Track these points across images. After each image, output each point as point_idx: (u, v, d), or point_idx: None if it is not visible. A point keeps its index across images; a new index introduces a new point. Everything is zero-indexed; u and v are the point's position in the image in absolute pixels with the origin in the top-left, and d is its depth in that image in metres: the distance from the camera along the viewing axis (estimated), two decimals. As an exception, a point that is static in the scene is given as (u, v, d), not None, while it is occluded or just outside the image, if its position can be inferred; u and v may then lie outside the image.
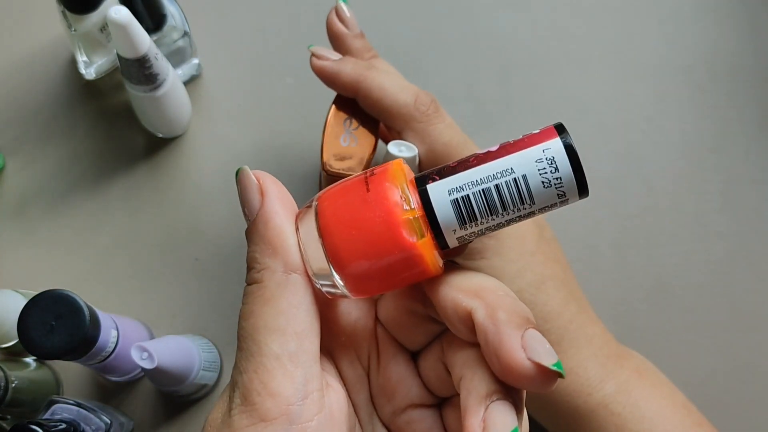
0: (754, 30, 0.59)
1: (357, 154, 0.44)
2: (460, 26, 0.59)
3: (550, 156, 0.23)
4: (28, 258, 0.54)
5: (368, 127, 0.44)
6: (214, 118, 0.57)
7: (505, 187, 0.24)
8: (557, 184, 0.23)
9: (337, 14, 0.45)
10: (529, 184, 0.23)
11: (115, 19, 0.42)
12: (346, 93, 0.43)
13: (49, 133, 0.56)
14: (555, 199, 0.24)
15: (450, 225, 0.24)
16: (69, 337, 0.40)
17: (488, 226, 0.24)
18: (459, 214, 0.24)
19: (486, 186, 0.24)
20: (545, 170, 0.23)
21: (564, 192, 0.23)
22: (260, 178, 0.27)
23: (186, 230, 0.55)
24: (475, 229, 0.24)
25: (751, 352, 0.54)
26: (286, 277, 0.25)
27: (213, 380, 0.51)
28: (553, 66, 0.58)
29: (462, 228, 0.24)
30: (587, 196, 0.24)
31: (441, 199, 0.24)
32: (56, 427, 0.42)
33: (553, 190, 0.23)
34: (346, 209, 0.25)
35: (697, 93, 0.58)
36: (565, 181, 0.23)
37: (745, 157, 0.57)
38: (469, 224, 0.24)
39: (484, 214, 0.24)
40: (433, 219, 0.24)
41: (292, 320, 0.25)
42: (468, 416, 0.23)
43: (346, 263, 0.24)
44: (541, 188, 0.23)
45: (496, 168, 0.24)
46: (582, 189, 0.23)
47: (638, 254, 0.55)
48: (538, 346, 0.22)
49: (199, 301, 0.54)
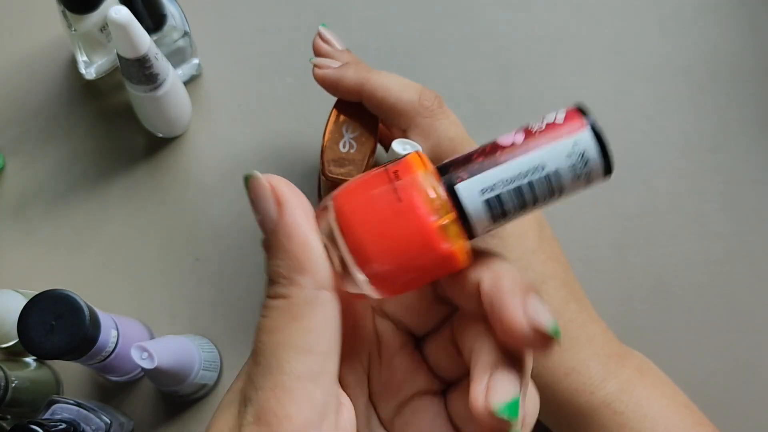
0: (755, 30, 0.59)
1: (356, 159, 0.44)
2: (460, 26, 0.59)
3: (581, 150, 0.23)
4: (28, 258, 0.54)
5: (367, 132, 0.44)
6: (214, 118, 0.57)
7: (537, 184, 0.23)
8: (586, 176, 0.23)
9: (321, 38, 0.47)
10: (561, 178, 0.23)
11: (115, 19, 0.42)
12: (351, 97, 0.44)
13: (49, 133, 0.56)
14: (582, 186, 0.24)
15: (482, 224, 0.24)
16: (69, 337, 0.40)
17: (516, 217, 0.24)
18: (491, 213, 0.24)
19: (519, 184, 0.23)
20: (576, 165, 0.23)
21: (591, 181, 0.24)
22: (275, 186, 0.25)
23: (186, 230, 0.55)
24: (503, 222, 0.24)
25: (751, 352, 0.54)
26: (315, 293, 0.24)
27: (213, 380, 0.51)
28: (553, 66, 0.58)
29: (493, 224, 0.24)
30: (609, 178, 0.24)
31: (473, 200, 0.24)
32: (56, 427, 0.42)
33: (581, 182, 0.24)
34: (370, 209, 0.24)
35: (697, 93, 0.58)
36: (595, 172, 0.23)
37: (745, 157, 0.57)
38: (499, 220, 0.24)
39: (516, 209, 0.24)
40: (464, 218, 0.24)
41: (320, 339, 0.24)
42: (473, 384, 0.23)
43: (375, 265, 0.24)
44: (571, 181, 0.24)
45: (527, 164, 0.23)
46: (608, 172, 0.24)
47: (638, 254, 0.55)
48: (538, 308, 0.23)
49: (199, 301, 0.54)
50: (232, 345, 0.53)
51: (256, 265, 0.54)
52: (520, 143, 0.24)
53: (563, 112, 0.24)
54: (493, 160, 0.24)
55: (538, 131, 0.24)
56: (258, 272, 0.54)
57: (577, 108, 0.24)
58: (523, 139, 0.24)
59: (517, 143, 0.24)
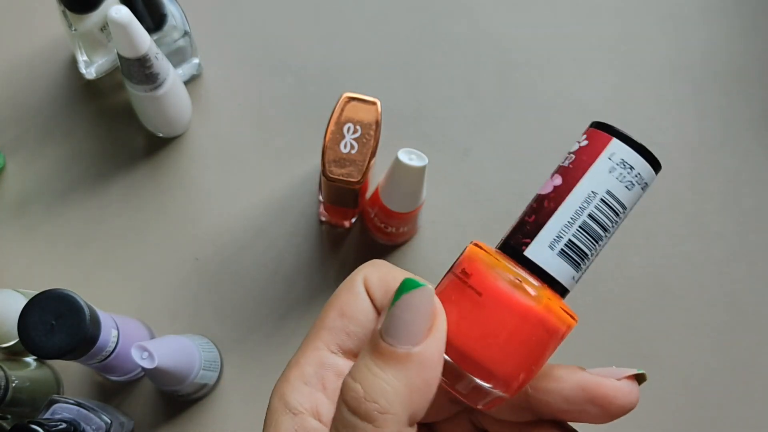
0: (755, 30, 0.59)
1: (357, 160, 0.44)
2: (460, 26, 0.59)
3: (619, 160, 0.23)
4: (28, 258, 0.54)
5: (368, 133, 0.44)
6: (214, 118, 0.57)
7: (598, 212, 0.23)
8: (638, 180, 0.23)
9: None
10: (616, 195, 0.23)
11: (116, 18, 0.42)
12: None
13: (49, 133, 0.56)
14: (640, 192, 0.23)
15: (568, 277, 0.23)
16: (69, 337, 0.40)
17: (597, 252, 0.24)
18: (572, 261, 0.23)
19: (581, 221, 0.23)
20: (623, 175, 0.23)
21: (646, 182, 0.23)
22: (438, 311, 0.22)
23: (186, 230, 0.55)
24: (587, 263, 0.24)
25: (751, 352, 0.54)
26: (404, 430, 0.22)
27: (213, 380, 0.51)
28: (553, 66, 0.58)
29: (577, 271, 0.23)
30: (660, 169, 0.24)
31: (549, 259, 0.23)
32: (56, 427, 0.42)
33: (637, 188, 0.23)
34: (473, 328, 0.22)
35: (697, 93, 0.58)
36: (644, 173, 0.23)
37: (745, 157, 0.57)
38: (582, 264, 0.23)
39: (592, 245, 0.23)
40: (551, 281, 0.23)
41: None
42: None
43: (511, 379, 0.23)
44: (627, 192, 0.23)
45: (579, 199, 0.23)
46: (656, 165, 0.23)
47: (638, 254, 0.55)
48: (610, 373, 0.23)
49: (199, 301, 0.54)
50: (232, 345, 0.53)
51: (257, 265, 0.54)
52: (561, 183, 0.23)
53: (584, 136, 0.24)
54: (546, 213, 0.23)
55: (571, 164, 0.23)
56: (258, 272, 0.54)
57: (595, 125, 0.24)
58: (561, 179, 0.23)
59: (558, 185, 0.23)
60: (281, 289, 0.54)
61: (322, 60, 0.58)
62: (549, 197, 0.23)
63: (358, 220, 0.55)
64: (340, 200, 0.49)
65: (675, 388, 0.52)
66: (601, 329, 0.54)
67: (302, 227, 0.55)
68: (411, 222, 0.51)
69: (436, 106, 0.57)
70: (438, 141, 0.56)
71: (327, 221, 0.55)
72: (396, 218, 0.49)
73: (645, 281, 0.55)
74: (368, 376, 0.22)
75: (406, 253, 0.55)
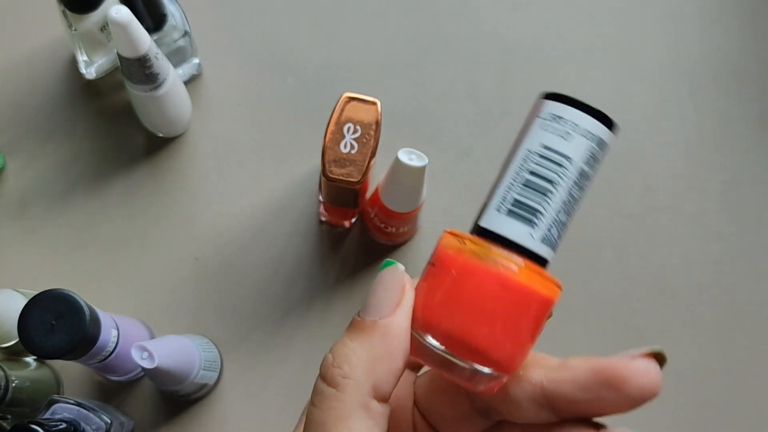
0: (755, 30, 0.59)
1: (357, 160, 0.44)
2: (460, 26, 0.59)
3: (549, 115, 0.23)
4: (28, 258, 0.54)
5: (368, 134, 0.44)
6: (214, 118, 0.57)
7: (539, 166, 0.23)
8: (574, 129, 0.23)
9: None
10: (554, 147, 0.23)
11: (116, 18, 0.42)
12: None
13: (49, 133, 0.56)
14: (587, 143, 0.23)
15: (524, 234, 0.23)
16: (69, 337, 0.40)
17: (556, 209, 0.23)
18: (523, 219, 0.23)
19: (524, 179, 0.23)
20: (555, 127, 0.23)
21: (589, 130, 0.23)
22: (407, 288, 0.24)
23: (186, 230, 0.55)
24: (547, 220, 0.23)
25: (751, 352, 0.54)
26: (368, 400, 0.23)
27: (213, 380, 0.51)
28: (553, 66, 0.58)
29: (534, 227, 0.23)
30: (615, 125, 0.23)
31: (499, 222, 0.23)
32: (56, 427, 0.42)
33: (578, 138, 0.23)
34: (449, 308, 0.23)
35: (697, 93, 0.58)
36: (579, 121, 0.23)
37: (745, 157, 0.57)
38: (536, 219, 0.23)
39: (541, 199, 0.23)
40: (510, 244, 0.23)
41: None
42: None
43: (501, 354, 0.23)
44: (566, 142, 0.23)
45: (518, 161, 0.23)
46: (594, 114, 0.23)
47: (638, 254, 0.55)
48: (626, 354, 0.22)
49: (199, 301, 0.54)
50: (232, 345, 0.53)
51: (257, 265, 0.54)
52: (507, 155, 0.24)
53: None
54: (494, 183, 0.24)
55: (514, 141, 0.24)
56: (258, 272, 0.54)
57: (540, 97, 0.24)
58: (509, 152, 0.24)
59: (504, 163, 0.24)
60: (281, 289, 0.54)
61: (322, 60, 0.58)
62: (499, 170, 0.24)
63: (358, 220, 0.55)
64: (340, 200, 0.49)
65: (675, 387, 0.52)
66: (601, 329, 0.54)
67: (302, 227, 0.55)
68: (411, 222, 0.51)
69: (436, 106, 0.57)
70: (438, 141, 0.56)
71: (327, 221, 0.55)
72: (396, 218, 0.49)
73: (645, 281, 0.55)
74: (339, 346, 0.23)
75: (406, 253, 0.55)
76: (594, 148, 0.23)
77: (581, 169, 0.23)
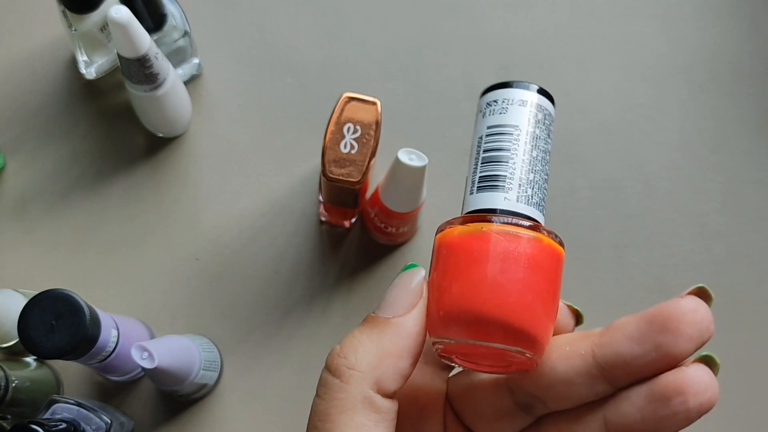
0: (755, 30, 0.59)
1: (357, 160, 0.44)
2: (460, 26, 0.59)
3: (485, 103, 0.26)
4: (28, 258, 0.54)
5: (368, 134, 0.44)
6: (214, 118, 0.57)
7: (488, 143, 0.25)
8: (507, 103, 0.25)
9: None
10: (496, 123, 0.25)
11: (116, 18, 0.42)
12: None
13: (49, 133, 0.56)
14: (526, 110, 0.25)
15: (499, 200, 0.24)
16: (69, 337, 0.40)
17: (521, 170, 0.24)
18: (491, 187, 0.24)
19: (480, 158, 0.25)
20: (492, 110, 0.25)
21: (522, 99, 0.25)
22: (425, 291, 0.24)
23: (186, 230, 0.55)
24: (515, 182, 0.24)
25: (751, 352, 0.54)
26: (371, 394, 0.23)
27: (213, 380, 0.51)
28: (553, 66, 0.58)
29: (503, 191, 0.24)
30: (542, 89, 0.25)
31: (475, 199, 0.25)
32: (57, 427, 0.42)
33: (514, 107, 0.25)
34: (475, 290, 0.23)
35: (697, 93, 0.58)
36: (508, 96, 0.25)
37: (745, 157, 0.57)
38: (502, 183, 0.24)
39: (499, 166, 0.24)
40: (492, 211, 0.24)
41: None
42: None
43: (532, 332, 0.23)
44: (504, 115, 0.25)
45: (473, 152, 0.25)
46: (523, 86, 0.25)
47: (638, 254, 0.55)
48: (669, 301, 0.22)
49: (199, 301, 0.54)
50: (232, 345, 0.53)
51: (257, 265, 0.54)
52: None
53: None
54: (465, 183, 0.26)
55: None
56: (258, 272, 0.54)
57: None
58: None
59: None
60: (281, 289, 0.54)
61: (322, 60, 0.58)
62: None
63: (358, 220, 0.55)
64: (340, 200, 0.49)
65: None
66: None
67: (302, 227, 0.55)
68: (411, 222, 0.51)
69: (436, 106, 0.57)
70: (438, 141, 0.56)
71: (327, 221, 0.55)
72: (396, 218, 0.49)
73: (645, 281, 0.55)
74: (348, 337, 0.24)
75: (406, 253, 0.55)
76: (533, 112, 0.25)
77: (532, 132, 0.25)
